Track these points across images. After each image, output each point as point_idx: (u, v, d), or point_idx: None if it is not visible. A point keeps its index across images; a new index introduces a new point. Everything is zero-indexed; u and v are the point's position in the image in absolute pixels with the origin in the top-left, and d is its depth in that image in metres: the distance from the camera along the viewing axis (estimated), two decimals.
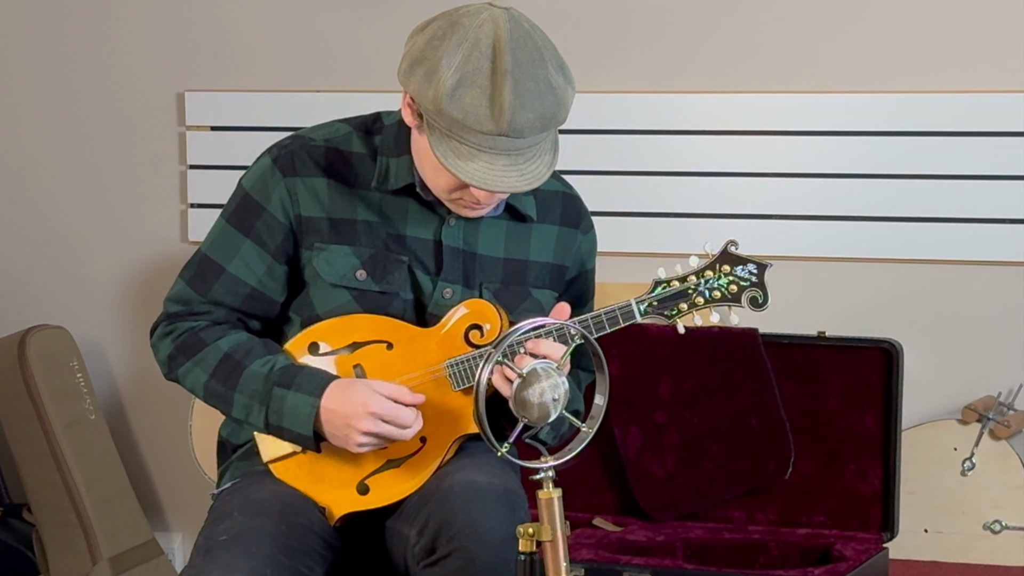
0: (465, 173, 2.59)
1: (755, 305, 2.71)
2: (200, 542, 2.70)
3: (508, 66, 2.56)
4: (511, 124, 2.56)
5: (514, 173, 2.60)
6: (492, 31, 2.57)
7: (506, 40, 2.56)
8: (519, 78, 2.56)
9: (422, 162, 2.71)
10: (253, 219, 2.78)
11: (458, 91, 2.55)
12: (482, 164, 2.59)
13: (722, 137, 4.03)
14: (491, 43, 2.57)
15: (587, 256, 2.93)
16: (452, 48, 2.57)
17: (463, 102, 2.55)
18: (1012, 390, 3.88)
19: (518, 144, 2.59)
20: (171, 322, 2.84)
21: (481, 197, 2.68)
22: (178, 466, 4.40)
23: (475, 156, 2.58)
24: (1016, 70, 3.87)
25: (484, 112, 2.55)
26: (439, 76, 2.56)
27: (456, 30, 2.58)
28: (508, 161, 2.60)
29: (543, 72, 2.58)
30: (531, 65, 2.57)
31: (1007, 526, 3.80)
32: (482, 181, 2.59)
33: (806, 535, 3.80)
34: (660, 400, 3.87)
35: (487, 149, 2.58)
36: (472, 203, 2.71)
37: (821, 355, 3.84)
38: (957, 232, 3.91)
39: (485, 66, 2.56)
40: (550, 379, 2.42)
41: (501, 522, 2.62)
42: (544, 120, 2.59)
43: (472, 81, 2.55)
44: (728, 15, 4.02)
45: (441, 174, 2.67)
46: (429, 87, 2.57)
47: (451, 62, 2.56)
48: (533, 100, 2.57)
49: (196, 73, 4.33)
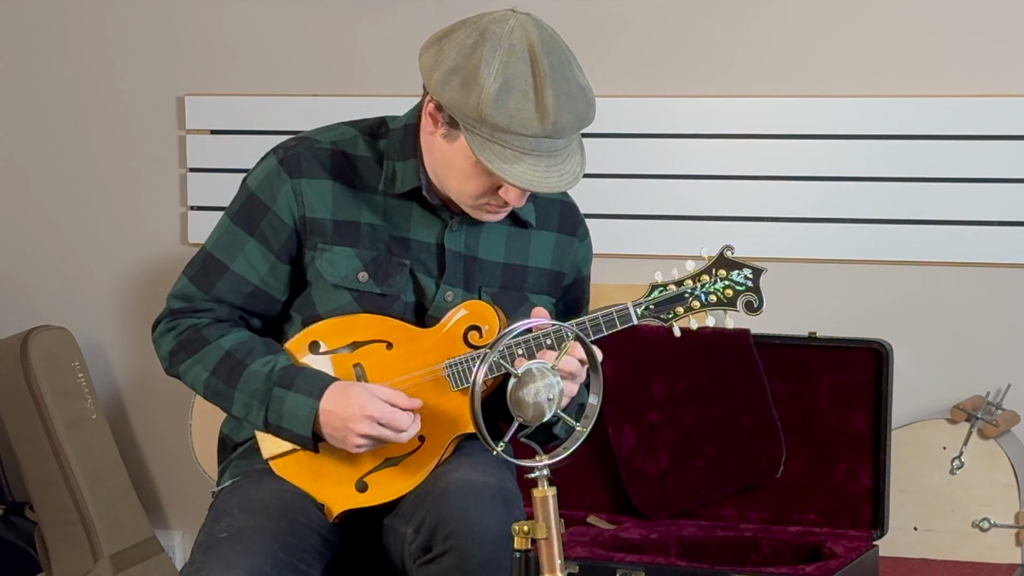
0: (513, 176, 2.60)
1: (750, 309, 2.71)
2: (201, 539, 2.70)
3: (546, 69, 2.58)
4: (555, 126, 2.58)
5: (555, 174, 2.62)
6: (524, 36, 2.59)
7: (539, 44, 2.59)
8: (556, 80, 2.59)
9: (447, 169, 2.70)
10: (258, 218, 2.78)
11: (501, 96, 2.57)
12: (527, 167, 2.60)
13: (715, 140, 4.04)
14: (526, 48, 2.59)
15: (583, 263, 2.93)
16: (488, 55, 2.57)
17: (507, 108, 2.57)
18: (1000, 390, 3.89)
19: (557, 145, 2.61)
20: (173, 318, 2.83)
21: (513, 200, 2.68)
22: (178, 465, 4.40)
23: (519, 159, 2.60)
24: (1005, 74, 3.88)
25: (530, 116, 2.57)
26: (480, 84, 2.57)
27: (488, 37, 2.59)
28: (550, 162, 2.62)
29: (572, 74, 2.62)
30: (562, 68, 2.60)
31: (995, 524, 3.80)
32: (529, 183, 2.60)
33: (797, 533, 3.80)
34: (653, 400, 3.88)
35: (530, 152, 2.60)
36: (498, 207, 2.72)
37: (812, 355, 3.84)
38: (947, 234, 3.92)
39: (525, 71, 2.58)
40: (545, 379, 2.42)
41: (496, 520, 2.62)
42: (580, 120, 2.62)
43: (513, 86, 2.57)
44: (722, 18, 4.03)
45: (471, 180, 2.67)
46: (470, 95, 2.58)
47: (490, 69, 2.57)
48: (570, 102, 2.60)
49: (196, 77, 4.34)
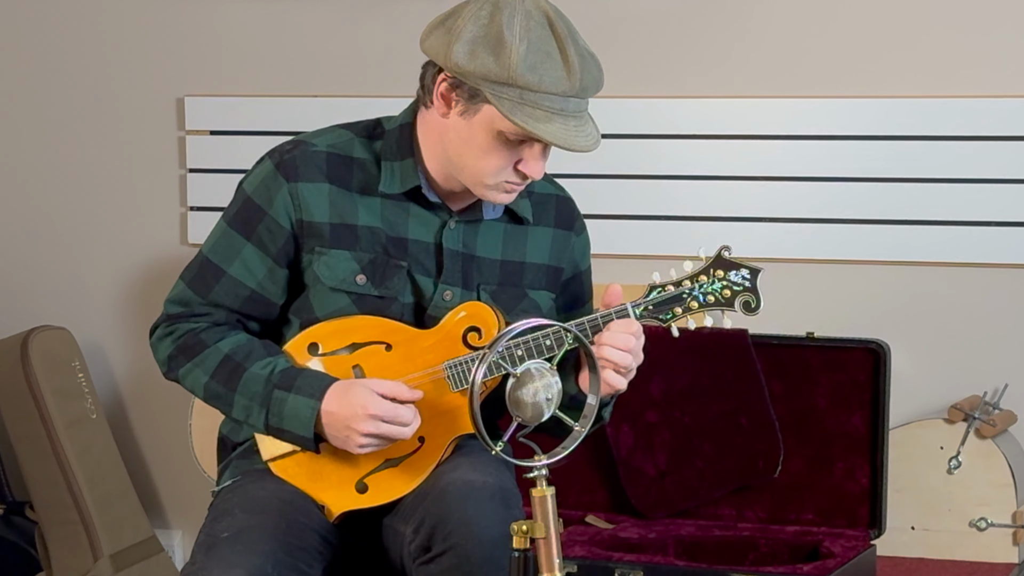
0: (549, 134, 2.61)
1: (748, 309, 2.72)
2: (201, 539, 2.70)
3: (564, 31, 2.63)
4: (582, 84, 2.63)
5: (582, 134, 2.65)
6: (536, 4, 2.64)
7: (551, 10, 2.64)
8: (574, 42, 2.63)
9: (464, 148, 2.70)
10: (254, 223, 2.77)
11: (530, 57, 2.59)
12: (559, 126, 2.62)
13: (713, 141, 4.05)
14: (542, 13, 2.63)
15: (580, 257, 2.93)
16: (508, 21, 2.60)
17: (538, 68, 2.60)
18: (998, 390, 3.89)
19: (581, 106, 2.65)
20: (171, 323, 2.82)
21: (532, 173, 2.69)
22: (178, 464, 4.40)
23: (551, 119, 2.62)
24: (1004, 75, 3.88)
25: (560, 75, 2.61)
26: (508, 46, 2.59)
27: (502, 6, 2.62)
28: (576, 122, 2.65)
29: (581, 41, 2.66)
30: (574, 34, 2.65)
31: (992, 524, 3.80)
32: (565, 140, 2.62)
33: (795, 532, 3.81)
34: (651, 399, 3.88)
35: (559, 112, 2.62)
36: (516, 185, 2.73)
37: (810, 355, 3.84)
38: (944, 235, 3.92)
39: (546, 34, 2.61)
40: (543, 379, 2.43)
41: (495, 520, 2.62)
42: (597, 83, 2.67)
43: (539, 47, 2.60)
44: (719, 19, 4.03)
45: (492, 155, 2.68)
46: (499, 59, 2.60)
47: (513, 33, 2.60)
48: (587, 64, 2.65)
49: (196, 78, 4.34)
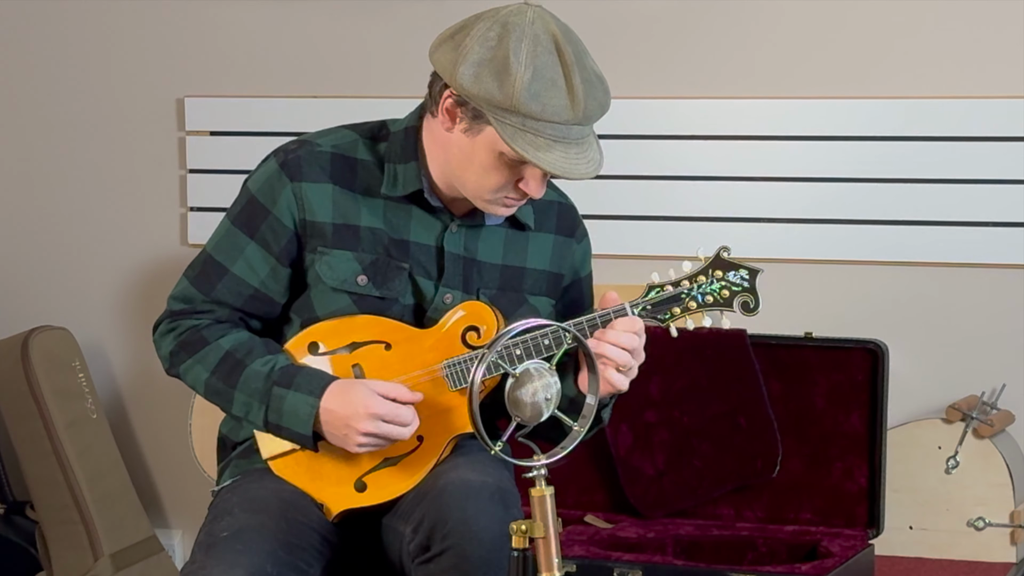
0: (548, 164, 2.60)
1: (747, 310, 2.72)
2: (201, 538, 2.71)
3: (571, 58, 2.60)
4: (584, 112, 2.61)
5: (584, 160, 2.64)
6: (545, 27, 2.61)
7: (560, 34, 2.61)
8: (581, 68, 2.61)
9: (465, 164, 2.70)
10: (258, 222, 2.78)
11: (534, 86, 2.58)
12: (559, 154, 2.62)
13: (711, 142, 4.05)
14: (550, 38, 2.61)
15: (580, 264, 2.93)
16: (515, 46, 2.59)
17: (541, 97, 2.58)
18: (995, 390, 3.90)
19: (584, 132, 2.64)
20: (174, 319, 2.83)
21: (533, 192, 2.69)
22: (178, 464, 4.40)
23: (551, 147, 2.61)
24: (1002, 76, 3.88)
25: (563, 104, 2.59)
26: (512, 74, 2.58)
27: (511, 29, 2.60)
28: (577, 149, 2.64)
29: (590, 63, 2.64)
30: (582, 57, 2.63)
31: (990, 523, 3.81)
32: (564, 170, 2.62)
33: (793, 532, 3.81)
34: (650, 399, 3.88)
35: (561, 139, 2.61)
36: (515, 201, 2.73)
37: (808, 355, 3.85)
38: (942, 235, 3.93)
39: (552, 60, 2.59)
40: (543, 379, 2.44)
41: (494, 519, 2.63)
42: (602, 107, 2.65)
43: (544, 75, 2.58)
44: (718, 21, 4.03)
45: (493, 173, 2.68)
46: (503, 86, 2.58)
47: (519, 59, 2.58)
48: (593, 89, 2.63)
49: (196, 79, 4.35)
